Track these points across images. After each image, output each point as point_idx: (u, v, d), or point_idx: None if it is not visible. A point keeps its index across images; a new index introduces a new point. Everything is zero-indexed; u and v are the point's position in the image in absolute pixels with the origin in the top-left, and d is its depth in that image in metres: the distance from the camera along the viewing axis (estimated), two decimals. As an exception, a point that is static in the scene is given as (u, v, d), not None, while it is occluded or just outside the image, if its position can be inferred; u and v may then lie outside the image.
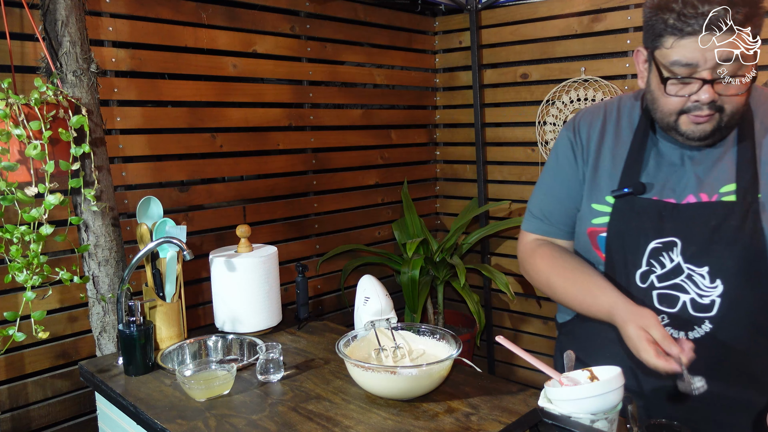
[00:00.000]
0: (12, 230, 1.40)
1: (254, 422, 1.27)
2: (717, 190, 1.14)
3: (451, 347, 1.43)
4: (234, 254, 1.80)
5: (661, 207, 1.17)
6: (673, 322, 1.18)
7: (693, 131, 1.11)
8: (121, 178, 2.01)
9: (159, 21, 2.08)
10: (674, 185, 1.18)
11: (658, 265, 1.18)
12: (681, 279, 1.16)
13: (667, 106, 1.12)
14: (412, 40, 3.06)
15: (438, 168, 3.30)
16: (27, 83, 1.72)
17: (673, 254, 1.16)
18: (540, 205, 1.38)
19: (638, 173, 1.21)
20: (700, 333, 1.16)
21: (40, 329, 1.45)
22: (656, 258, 1.18)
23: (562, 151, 1.33)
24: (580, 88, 2.64)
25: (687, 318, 1.16)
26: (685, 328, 1.17)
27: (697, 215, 1.14)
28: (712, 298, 1.14)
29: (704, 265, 1.14)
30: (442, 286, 2.95)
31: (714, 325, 1.15)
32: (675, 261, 1.16)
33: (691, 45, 1.02)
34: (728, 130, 1.12)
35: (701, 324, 1.16)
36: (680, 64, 1.05)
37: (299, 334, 1.82)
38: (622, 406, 1.08)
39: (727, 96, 1.06)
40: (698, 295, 1.15)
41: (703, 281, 1.14)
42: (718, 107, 1.07)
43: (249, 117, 2.37)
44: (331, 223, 2.75)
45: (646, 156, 1.22)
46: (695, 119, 1.09)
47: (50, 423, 1.89)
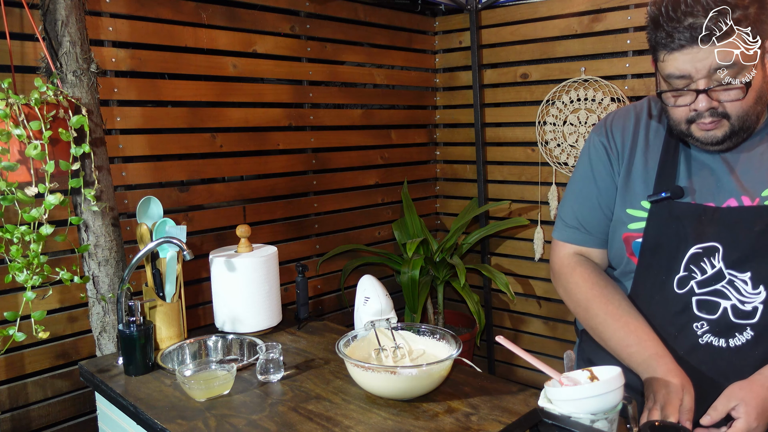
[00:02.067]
0: (12, 230, 1.40)
1: (254, 422, 1.27)
2: (759, 194, 1.12)
3: (451, 347, 1.43)
4: (234, 254, 1.80)
5: (701, 211, 1.15)
6: (713, 328, 1.15)
7: (705, 137, 1.11)
8: (121, 178, 2.01)
9: (159, 21, 2.08)
10: (712, 189, 1.16)
11: (698, 271, 1.15)
12: (722, 285, 1.14)
13: (675, 116, 1.12)
14: (412, 40, 3.06)
15: (438, 168, 3.30)
16: (27, 83, 1.72)
17: (715, 260, 1.14)
18: (574, 213, 1.33)
19: (673, 177, 1.19)
20: (741, 340, 1.14)
21: (40, 329, 1.45)
22: (696, 263, 1.15)
23: (595, 155, 1.29)
24: (580, 88, 2.64)
25: (728, 324, 1.14)
26: (725, 336, 1.15)
27: (740, 220, 1.12)
28: (755, 305, 1.12)
29: (747, 270, 1.12)
30: (442, 286, 2.95)
31: (756, 332, 1.13)
32: (717, 267, 1.14)
33: (681, 57, 1.03)
34: (746, 132, 1.11)
35: (743, 331, 1.13)
36: (675, 76, 1.06)
37: (299, 334, 1.82)
38: (622, 406, 1.08)
39: (729, 102, 1.06)
40: (740, 301, 1.13)
41: (746, 287, 1.12)
42: (722, 113, 1.07)
43: (249, 117, 2.37)
44: (331, 223, 2.75)
45: (679, 159, 1.20)
46: (702, 127, 1.09)
47: (50, 423, 1.89)
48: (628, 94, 2.52)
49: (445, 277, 2.88)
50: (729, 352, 1.14)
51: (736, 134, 1.10)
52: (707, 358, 1.16)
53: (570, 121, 2.69)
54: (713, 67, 1.01)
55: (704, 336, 1.16)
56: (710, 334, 1.16)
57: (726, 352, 1.15)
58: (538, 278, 2.96)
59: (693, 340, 1.17)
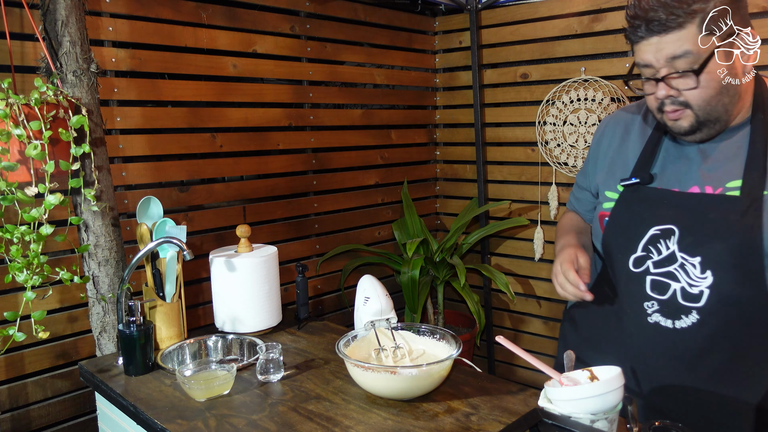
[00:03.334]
0: (12, 230, 1.40)
1: (254, 422, 1.27)
2: (723, 184, 1.16)
3: (451, 347, 1.43)
4: (234, 254, 1.80)
5: (664, 195, 1.22)
6: (662, 309, 1.21)
7: (673, 127, 1.18)
8: (121, 178, 2.01)
9: (159, 21, 2.08)
10: (681, 176, 1.22)
11: (655, 252, 1.21)
12: (674, 267, 1.19)
13: (650, 106, 1.21)
14: (412, 40, 3.06)
15: (438, 168, 3.30)
16: (27, 83, 1.72)
17: (670, 242, 1.19)
18: (575, 190, 1.56)
19: (650, 165, 1.27)
20: (686, 323, 1.18)
21: (40, 329, 1.45)
22: (654, 244, 1.22)
23: (595, 141, 1.45)
24: (580, 88, 2.64)
25: (676, 306, 1.19)
26: (672, 317, 1.20)
27: (697, 205, 1.18)
28: (701, 289, 1.16)
29: (697, 255, 1.16)
30: (442, 286, 2.95)
31: (701, 316, 1.16)
32: (670, 249, 1.19)
33: (644, 48, 1.12)
34: (717, 124, 1.15)
35: (688, 314, 1.18)
36: (641, 65, 1.15)
37: (299, 334, 1.82)
38: (622, 406, 1.08)
39: (687, 91, 1.12)
40: (688, 284, 1.17)
41: (695, 271, 1.16)
42: (683, 102, 1.13)
43: (249, 117, 2.37)
44: (331, 223, 2.75)
45: (661, 149, 1.28)
46: (669, 116, 1.16)
47: (50, 423, 1.89)
48: (628, 94, 2.52)
49: (445, 277, 2.88)
50: (674, 333, 1.19)
51: (705, 125, 1.15)
52: (653, 338, 1.22)
53: (570, 121, 2.69)
54: (670, 56, 1.09)
55: (653, 315, 1.22)
56: (659, 314, 1.21)
57: (671, 333, 1.20)
58: (538, 278, 2.95)
59: (643, 318, 1.23)
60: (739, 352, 1.16)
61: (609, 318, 1.33)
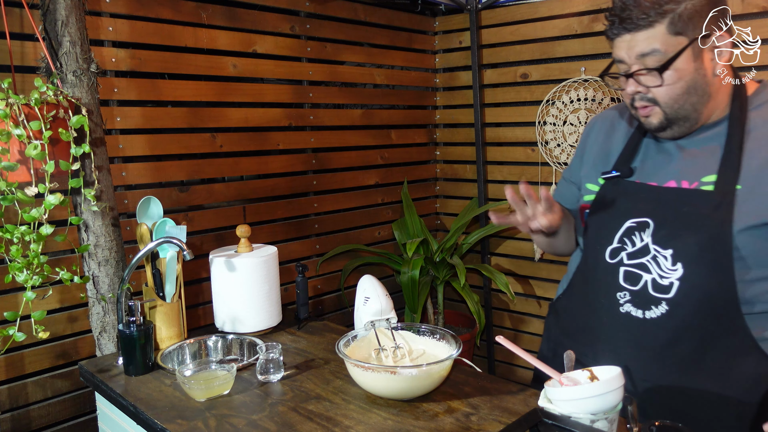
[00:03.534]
0: (12, 230, 1.40)
1: (254, 422, 1.27)
2: (699, 179, 1.20)
3: (451, 347, 1.43)
4: (234, 254, 1.80)
5: (642, 189, 1.27)
6: (634, 299, 1.23)
7: (645, 123, 1.23)
8: (121, 178, 2.01)
9: (159, 21, 2.08)
10: (659, 171, 1.26)
11: (630, 244, 1.25)
12: (646, 259, 1.22)
13: (625, 101, 1.26)
14: (412, 40, 3.06)
15: (438, 168, 3.30)
16: (27, 83, 1.72)
17: (644, 235, 1.23)
18: (560, 185, 1.57)
19: (631, 160, 1.32)
20: (656, 313, 1.20)
21: (40, 329, 1.45)
22: (629, 236, 1.25)
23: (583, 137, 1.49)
24: (580, 88, 2.64)
25: (647, 297, 1.21)
26: (643, 307, 1.22)
27: (672, 199, 1.21)
28: (672, 281, 1.18)
29: (669, 247, 1.19)
30: (442, 286, 2.95)
31: (670, 307, 1.19)
32: (644, 241, 1.23)
33: (617, 45, 1.18)
34: (688, 122, 1.19)
35: (658, 304, 1.20)
36: (617, 61, 1.21)
37: (299, 334, 1.82)
38: (622, 406, 1.08)
39: (654, 88, 1.16)
40: (659, 276, 1.20)
41: (666, 263, 1.19)
42: (651, 99, 1.18)
43: (249, 117, 2.37)
44: (331, 223, 2.75)
45: (642, 145, 1.32)
46: (640, 112, 1.21)
47: (50, 423, 1.89)
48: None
49: (445, 277, 2.88)
50: (644, 324, 1.22)
51: (674, 122, 1.19)
52: (625, 327, 1.25)
53: (570, 121, 2.69)
54: (640, 53, 1.14)
55: (625, 305, 1.25)
56: (631, 304, 1.24)
57: (642, 323, 1.22)
58: (538, 278, 2.95)
59: (615, 308, 1.26)
60: (706, 344, 1.18)
61: (585, 309, 1.36)
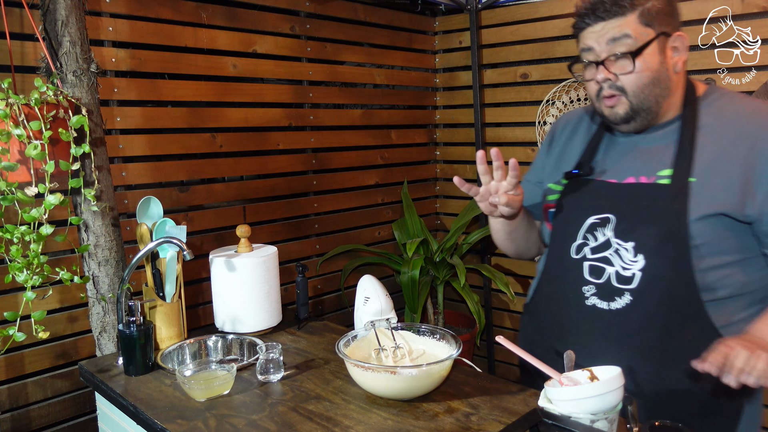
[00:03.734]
0: (12, 230, 1.40)
1: (254, 422, 1.27)
2: (655, 173, 1.26)
3: (451, 347, 1.43)
4: (234, 254, 1.80)
5: (602, 186, 1.32)
6: (599, 292, 1.28)
7: (610, 115, 1.27)
8: (121, 178, 2.01)
9: (159, 21, 2.08)
10: (618, 168, 1.32)
11: (593, 239, 1.31)
12: (609, 252, 1.27)
13: (589, 93, 1.30)
14: (412, 40, 3.06)
15: (438, 168, 3.30)
16: (27, 83, 1.72)
17: (606, 230, 1.29)
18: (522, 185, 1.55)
19: (591, 159, 1.38)
20: (620, 304, 1.25)
21: (40, 329, 1.45)
22: (592, 232, 1.31)
23: (547, 139, 1.54)
24: (580, 88, 2.64)
25: (611, 289, 1.26)
26: (608, 299, 1.27)
27: (631, 194, 1.27)
28: (634, 272, 1.24)
29: (630, 240, 1.24)
30: (442, 286, 2.95)
31: (634, 297, 1.24)
32: (606, 236, 1.28)
33: (588, 34, 1.24)
34: (649, 114, 1.25)
35: (622, 295, 1.25)
36: (584, 50, 1.26)
37: (299, 334, 1.82)
38: (622, 406, 1.08)
39: (624, 75, 1.21)
40: (622, 267, 1.25)
41: (628, 255, 1.25)
42: (619, 87, 1.23)
43: (249, 117, 2.37)
44: (331, 223, 2.75)
45: (602, 145, 1.39)
46: (606, 102, 1.26)
47: (50, 423, 1.89)
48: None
49: (445, 277, 2.88)
50: (610, 314, 1.27)
51: (638, 113, 1.25)
52: (591, 319, 1.30)
53: (570, 121, 2.68)
54: (611, 38, 1.20)
55: (591, 298, 1.30)
56: (596, 297, 1.29)
57: (607, 314, 1.27)
58: (538, 278, 2.95)
59: (582, 302, 1.31)
60: (669, 332, 1.22)
61: (554, 305, 1.41)
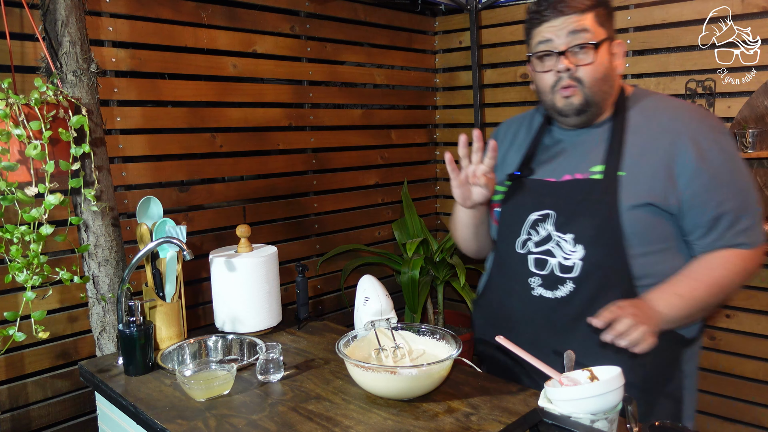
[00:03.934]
0: (12, 230, 1.40)
1: (254, 422, 1.27)
2: (588, 169, 1.36)
3: (451, 347, 1.43)
4: (234, 254, 1.80)
5: (542, 185, 1.42)
6: (544, 282, 1.38)
7: (565, 106, 1.35)
8: (121, 178, 2.01)
9: (159, 21, 2.08)
10: (556, 167, 1.42)
11: (535, 233, 1.40)
12: (551, 245, 1.37)
13: (542, 85, 1.38)
14: (412, 40, 3.06)
15: (438, 168, 3.30)
16: (27, 83, 1.72)
17: (547, 224, 1.38)
18: None
19: (531, 160, 1.48)
20: (564, 292, 1.35)
21: (40, 329, 1.45)
22: (534, 228, 1.40)
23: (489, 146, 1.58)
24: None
25: (554, 278, 1.36)
26: (552, 288, 1.36)
27: (568, 190, 1.37)
28: (574, 261, 1.33)
29: (570, 232, 1.34)
30: (442, 286, 2.95)
31: (575, 285, 1.33)
32: (548, 230, 1.38)
33: (546, 28, 1.32)
34: (597, 108, 1.35)
35: (565, 283, 1.35)
36: (541, 43, 1.33)
37: (299, 334, 1.82)
38: (622, 406, 1.08)
39: (583, 66, 1.30)
40: (564, 258, 1.35)
41: (568, 246, 1.34)
42: (577, 79, 1.32)
43: (249, 117, 2.37)
44: (331, 223, 2.75)
45: (541, 146, 1.49)
46: (563, 93, 1.34)
47: (50, 423, 1.89)
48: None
49: (445, 277, 2.88)
50: (555, 302, 1.36)
51: (590, 106, 1.34)
52: (538, 308, 1.39)
53: (570, 121, 2.68)
54: (571, 30, 1.29)
55: (537, 289, 1.39)
56: (542, 287, 1.38)
57: (553, 302, 1.36)
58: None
59: (528, 293, 1.40)
60: None
61: (503, 297, 1.49)
